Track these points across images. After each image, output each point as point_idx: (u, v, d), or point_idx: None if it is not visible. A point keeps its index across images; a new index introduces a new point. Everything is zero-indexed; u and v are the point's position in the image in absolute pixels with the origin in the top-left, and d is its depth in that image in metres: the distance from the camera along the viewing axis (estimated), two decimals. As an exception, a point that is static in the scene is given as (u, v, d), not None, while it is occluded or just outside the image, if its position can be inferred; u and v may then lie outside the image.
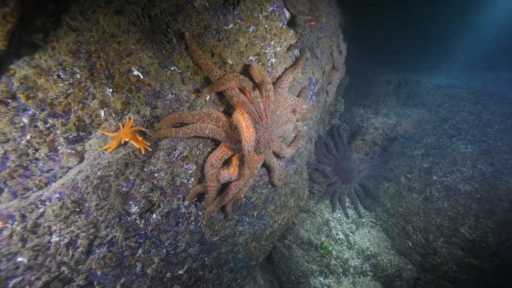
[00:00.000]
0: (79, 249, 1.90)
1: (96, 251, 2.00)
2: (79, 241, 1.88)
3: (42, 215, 1.73)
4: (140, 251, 2.23)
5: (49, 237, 1.78)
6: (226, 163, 2.45)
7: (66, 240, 1.83)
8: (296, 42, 2.63)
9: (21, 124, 1.72)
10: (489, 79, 4.20)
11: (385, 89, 4.35)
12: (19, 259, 1.73)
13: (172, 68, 2.09)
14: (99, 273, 2.04)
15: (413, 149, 3.74)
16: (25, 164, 1.77)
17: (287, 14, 2.48)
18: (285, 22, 2.49)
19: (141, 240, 2.21)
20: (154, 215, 2.22)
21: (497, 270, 2.72)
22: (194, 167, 2.32)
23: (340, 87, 4.48)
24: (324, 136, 4.12)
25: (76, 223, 1.83)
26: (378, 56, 5.17)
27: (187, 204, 2.40)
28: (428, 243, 3.27)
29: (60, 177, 1.85)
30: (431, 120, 3.76)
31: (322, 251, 3.57)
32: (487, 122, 3.31)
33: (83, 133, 1.96)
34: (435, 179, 3.36)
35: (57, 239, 1.81)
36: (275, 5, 2.35)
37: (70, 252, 1.87)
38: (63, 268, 1.87)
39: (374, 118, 4.10)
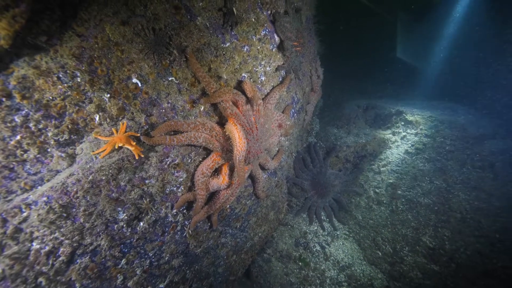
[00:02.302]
0: (60, 258, 1.79)
1: (78, 260, 1.89)
2: (61, 249, 1.78)
3: (25, 219, 1.64)
4: (123, 261, 2.14)
5: (29, 244, 1.67)
6: (216, 172, 2.53)
7: (47, 248, 1.73)
8: (283, 64, 2.91)
9: (13, 124, 1.66)
10: (440, 107, 4.94)
11: (356, 112, 4.84)
12: (-7, 268, 1.59)
13: (170, 79, 2.19)
14: (77, 285, 1.92)
15: (380, 166, 4.15)
16: (11, 166, 1.68)
17: (277, 39, 2.77)
18: (275, 46, 2.76)
19: (126, 250, 2.14)
20: (141, 223, 2.18)
21: (454, 274, 3.07)
22: (185, 175, 2.36)
23: (315, 108, 4.86)
24: (302, 152, 4.39)
25: (61, 229, 1.75)
26: (349, 83, 5.77)
27: (175, 213, 2.40)
28: (396, 252, 3.57)
29: (48, 180, 1.78)
30: (395, 141, 4.25)
31: (300, 264, 3.68)
32: (440, 143, 3.86)
33: (75, 137, 1.93)
34: (400, 193, 3.75)
35: (38, 246, 1.70)
36: (267, 30, 2.62)
37: (50, 261, 1.76)
38: (41, 279, 1.74)
39: (346, 137, 4.50)
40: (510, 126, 3.79)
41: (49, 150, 1.82)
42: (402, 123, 4.59)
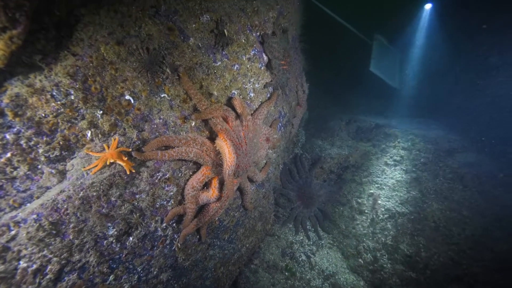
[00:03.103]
0: (47, 276, 1.78)
1: (65, 278, 1.87)
2: (49, 267, 1.77)
3: (13, 238, 1.62)
4: (111, 277, 2.14)
5: (16, 263, 1.65)
6: (206, 186, 2.59)
7: (35, 266, 1.71)
8: (271, 81, 3.06)
9: (4, 142, 1.66)
10: (415, 122, 5.32)
11: (339, 125, 5.08)
12: (-23, 289, 1.55)
13: (162, 95, 2.26)
14: (64, 304, 1.90)
15: (362, 177, 4.37)
16: (0, 183, 1.67)
17: (265, 58, 2.92)
18: (264, 64, 2.91)
19: (114, 265, 2.13)
20: (131, 238, 2.19)
21: (429, 281, 3.28)
22: (175, 189, 2.40)
23: (301, 120, 5.05)
24: (288, 163, 4.53)
25: (50, 247, 1.74)
26: (332, 97, 6.06)
27: (165, 227, 2.42)
28: (376, 260, 3.74)
29: (38, 197, 1.78)
30: (375, 153, 4.50)
31: (286, 273, 3.76)
32: (415, 156, 4.14)
33: (66, 153, 1.94)
34: (380, 202, 3.97)
35: (25, 265, 1.68)
36: (256, 50, 2.76)
37: (37, 280, 1.74)
38: (26, 298, 1.71)
39: (330, 149, 4.71)
40: (474, 142, 4.19)
41: (39, 166, 1.82)
42: (382, 135, 4.87)
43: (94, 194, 1.91)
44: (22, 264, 1.66)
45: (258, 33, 2.78)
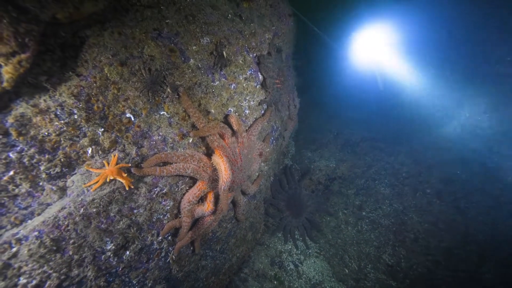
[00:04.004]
0: (46, 292, 1.81)
1: (63, 293, 1.91)
2: (48, 282, 1.80)
3: (15, 255, 1.66)
4: (107, 291, 2.18)
5: (16, 279, 1.68)
6: (201, 199, 2.68)
7: (34, 282, 1.74)
8: (265, 98, 3.20)
9: (7, 160, 1.69)
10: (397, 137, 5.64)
11: (327, 137, 5.30)
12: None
13: (161, 113, 2.35)
14: (60, 318, 1.93)
15: (348, 189, 4.58)
16: (2, 201, 1.70)
17: (260, 77, 3.06)
18: (259, 83, 3.05)
19: (111, 279, 2.18)
20: (128, 252, 2.25)
21: (408, 289, 3.50)
22: (172, 203, 2.48)
23: (291, 131, 5.21)
24: (278, 174, 4.68)
25: (50, 263, 1.78)
26: (322, 110, 6.29)
27: (160, 240, 2.49)
28: (360, 269, 3.94)
29: (38, 214, 1.82)
30: (360, 166, 4.73)
31: (275, 282, 3.88)
32: (397, 170, 4.40)
33: (66, 169, 1.98)
34: (364, 214, 4.18)
35: (25, 281, 1.71)
36: (252, 70, 2.90)
37: (36, 296, 1.77)
38: (24, 314, 1.74)
39: (319, 161, 4.90)
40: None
41: (40, 183, 1.86)
42: (369, 149, 5.12)
43: (94, 210, 1.96)
44: (22, 280, 1.69)
45: (254, 54, 2.92)
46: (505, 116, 4.73)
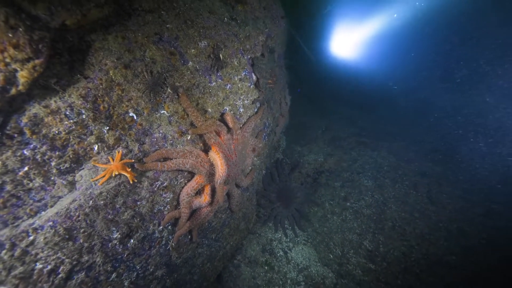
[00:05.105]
0: (60, 275, 2.00)
1: (75, 276, 2.10)
2: (62, 267, 1.99)
3: (32, 242, 1.83)
4: (114, 275, 2.38)
5: (33, 265, 1.86)
6: (198, 192, 2.89)
7: (49, 267, 1.93)
8: (259, 97, 3.40)
9: (22, 157, 1.84)
10: (382, 133, 6.01)
11: (316, 132, 5.57)
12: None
13: (162, 112, 2.52)
14: (72, 299, 2.12)
15: (335, 181, 4.90)
16: (19, 194, 1.85)
17: (254, 77, 3.24)
18: (253, 83, 3.23)
19: (117, 264, 2.38)
20: (132, 240, 2.45)
21: (385, 271, 3.88)
22: (171, 196, 2.68)
23: (283, 127, 5.44)
24: (270, 167, 4.93)
25: (63, 250, 1.96)
26: (311, 106, 6.54)
27: (161, 229, 2.69)
28: (343, 254, 4.30)
29: (51, 206, 1.98)
30: (346, 160, 5.05)
31: (266, 268, 4.18)
32: (379, 164, 4.74)
33: (75, 165, 2.14)
34: (349, 205, 4.52)
35: (41, 266, 1.89)
36: (247, 71, 3.08)
37: (51, 279, 1.95)
38: (41, 295, 1.93)
39: (308, 155, 5.18)
40: (428, 153, 4.91)
41: (52, 178, 2.01)
42: (354, 144, 5.44)
43: (102, 202, 2.14)
44: (39, 265, 1.88)
45: (249, 56, 3.09)
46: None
